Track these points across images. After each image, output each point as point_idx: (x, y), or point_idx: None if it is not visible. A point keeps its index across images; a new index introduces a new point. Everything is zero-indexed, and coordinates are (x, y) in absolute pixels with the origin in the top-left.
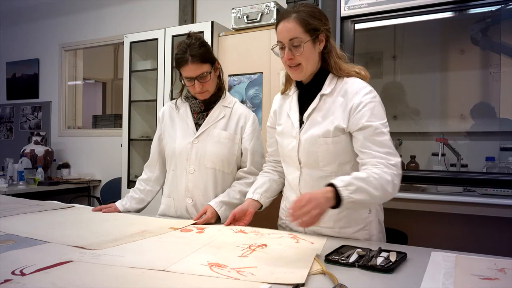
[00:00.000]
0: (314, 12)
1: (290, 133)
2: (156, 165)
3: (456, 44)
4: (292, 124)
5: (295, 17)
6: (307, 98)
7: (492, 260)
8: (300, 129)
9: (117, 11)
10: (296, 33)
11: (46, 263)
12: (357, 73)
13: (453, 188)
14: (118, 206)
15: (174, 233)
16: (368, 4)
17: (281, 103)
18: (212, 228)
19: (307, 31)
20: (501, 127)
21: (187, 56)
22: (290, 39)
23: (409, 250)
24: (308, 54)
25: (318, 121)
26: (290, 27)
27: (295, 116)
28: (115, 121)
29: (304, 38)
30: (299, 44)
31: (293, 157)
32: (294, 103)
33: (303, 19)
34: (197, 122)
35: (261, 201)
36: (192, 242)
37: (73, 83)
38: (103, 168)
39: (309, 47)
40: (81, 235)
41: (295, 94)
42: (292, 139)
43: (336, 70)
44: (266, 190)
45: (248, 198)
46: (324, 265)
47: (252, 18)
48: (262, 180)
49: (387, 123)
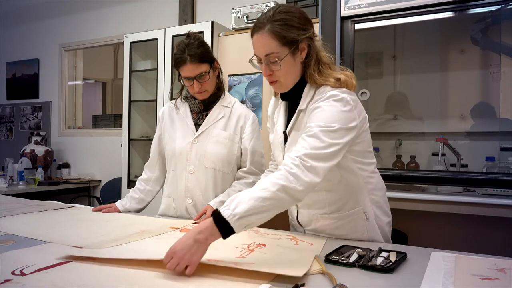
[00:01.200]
0: (291, 19)
1: (278, 147)
2: (156, 165)
3: (456, 44)
4: (278, 138)
5: (269, 30)
6: (293, 109)
7: (492, 260)
8: (285, 144)
9: (117, 11)
10: (272, 48)
11: (46, 263)
12: (335, 81)
13: (453, 188)
14: (118, 206)
15: (174, 233)
16: (368, 4)
17: (274, 108)
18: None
19: (284, 44)
20: (501, 127)
21: (186, 56)
22: (266, 54)
23: (409, 250)
24: (287, 69)
25: (297, 138)
26: (264, 41)
27: (280, 130)
28: (115, 121)
29: (281, 52)
30: (276, 60)
31: None
32: (282, 114)
33: (278, 32)
34: (196, 122)
35: None
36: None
37: (73, 83)
38: (103, 168)
39: (288, 61)
40: (81, 235)
41: (283, 105)
42: (279, 153)
43: (311, 80)
44: None
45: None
46: (324, 265)
47: (252, 18)
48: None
49: (331, 127)
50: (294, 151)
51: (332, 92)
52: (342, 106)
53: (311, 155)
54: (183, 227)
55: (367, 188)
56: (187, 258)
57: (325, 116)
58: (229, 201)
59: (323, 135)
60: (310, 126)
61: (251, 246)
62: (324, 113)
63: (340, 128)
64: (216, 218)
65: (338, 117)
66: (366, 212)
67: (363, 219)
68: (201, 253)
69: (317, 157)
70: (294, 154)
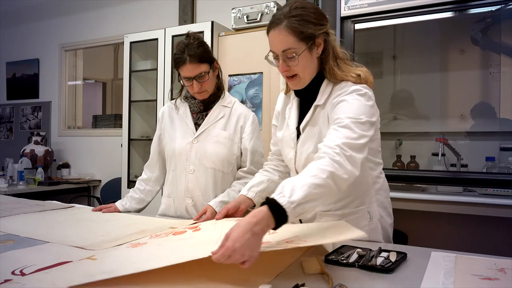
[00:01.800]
0: (307, 14)
1: (289, 143)
2: (156, 165)
3: (456, 44)
4: (290, 134)
5: (286, 25)
6: (307, 105)
7: (492, 260)
8: (297, 140)
9: (117, 11)
10: (289, 43)
11: (46, 263)
12: (355, 77)
13: (453, 188)
14: (118, 206)
15: (173, 238)
16: (368, 4)
17: (284, 105)
18: (207, 224)
19: (302, 40)
20: (501, 127)
21: (185, 56)
22: (284, 50)
23: (409, 250)
24: (304, 64)
25: (313, 134)
26: (281, 37)
27: (293, 126)
28: (115, 121)
29: (299, 48)
30: (294, 55)
31: (292, 167)
32: (294, 110)
33: (295, 27)
34: (196, 122)
35: (254, 200)
36: (196, 239)
37: (73, 83)
38: (103, 168)
39: (305, 56)
40: (81, 235)
41: (295, 101)
42: (290, 149)
43: (331, 75)
44: (262, 190)
45: (242, 195)
46: (324, 265)
47: (252, 18)
48: (260, 178)
49: (361, 118)
50: (329, 141)
51: (356, 87)
52: (366, 101)
53: (349, 145)
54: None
55: (374, 187)
56: (248, 254)
57: (352, 109)
58: (280, 188)
59: (355, 126)
60: (339, 118)
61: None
62: (351, 105)
63: (367, 121)
64: (272, 206)
65: (364, 110)
66: (371, 211)
67: (367, 218)
68: (259, 245)
69: (353, 147)
70: (331, 143)
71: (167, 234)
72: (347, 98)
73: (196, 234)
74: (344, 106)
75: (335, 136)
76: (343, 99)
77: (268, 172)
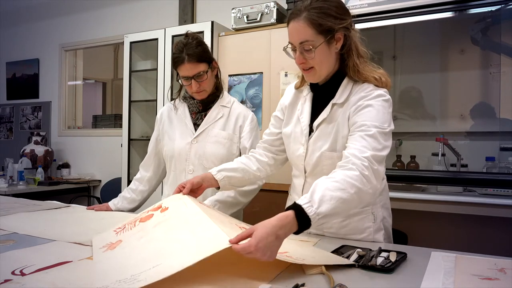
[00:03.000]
0: (328, 8)
1: (299, 140)
2: (151, 165)
3: (456, 44)
4: (302, 130)
5: (305, 17)
6: (321, 102)
7: (492, 260)
8: (309, 137)
9: (117, 11)
10: (307, 35)
11: (46, 263)
12: (376, 80)
13: (453, 188)
14: (110, 205)
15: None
16: (368, 4)
17: (294, 99)
18: (171, 201)
19: (320, 33)
20: (501, 127)
21: (184, 55)
22: (301, 42)
23: (409, 250)
24: (321, 57)
25: (327, 132)
26: (299, 29)
27: (305, 122)
28: (115, 121)
29: (317, 41)
30: (310, 48)
31: (299, 165)
32: (307, 107)
33: (314, 20)
34: (195, 122)
35: (221, 183)
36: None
37: (73, 83)
38: (103, 168)
39: (322, 50)
40: (79, 232)
41: (309, 96)
42: (299, 146)
43: (354, 73)
44: (232, 177)
45: (209, 172)
46: (324, 265)
47: (252, 18)
48: (236, 165)
49: (384, 126)
50: (357, 150)
51: (380, 91)
52: (388, 108)
53: (375, 157)
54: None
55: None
56: (268, 255)
57: (378, 116)
58: (310, 195)
59: (380, 136)
60: (366, 125)
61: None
62: (377, 112)
63: (389, 131)
64: (299, 214)
65: (387, 119)
66: (375, 212)
67: (371, 219)
68: (279, 247)
69: (378, 160)
70: (360, 154)
71: (133, 223)
72: (373, 104)
73: (168, 213)
74: (370, 112)
75: (363, 145)
76: (369, 103)
77: (249, 160)
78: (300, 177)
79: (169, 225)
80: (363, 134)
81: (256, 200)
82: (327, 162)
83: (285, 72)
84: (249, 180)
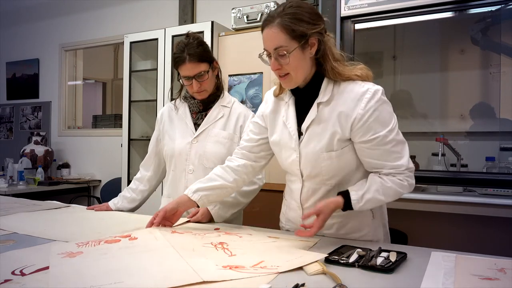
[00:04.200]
0: (301, 13)
1: (289, 145)
2: (151, 165)
3: (456, 44)
4: (290, 135)
5: (278, 23)
6: (304, 105)
7: (492, 260)
8: (299, 141)
9: (117, 11)
10: (281, 41)
11: (46, 263)
12: (358, 76)
13: (453, 188)
14: (110, 205)
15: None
16: (368, 4)
17: (275, 107)
18: (142, 233)
19: (293, 38)
20: (501, 127)
21: (185, 55)
22: (275, 48)
23: (409, 250)
24: (296, 63)
25: (318, 132)
26: (273, 35)
27: (293, 127)
28: (115, 121)
29: (290, 46)
30: (285, 53)
31: (295, 170)
32: (291, 111)
33: (288, 25)
34: (196, 122)
35: (199, 203)
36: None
37: (73, 83)
38: (103, 168)
39: (297, 55)
40: (79, 232)
41: (291, 101)
42: (291, 152)
43: (334, 75)
44: (209, 195)
45: (185, 195)
46: (325, 265)
47: (252, 18)
48: (212, 183)
49: (394, 123)
50: (393, 167)
51: (370, 88)
52: (388, 102)
53: (408, 159)
54: (177, 224)
55: None
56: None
57: (386, 119)
58: (362, 195)
59: (397, 136)
60: (384, 136)
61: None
62: (384, 115)
63: (397, 124)
64: (346, 203)
65: (391, 114)
66: (373, 209)
67: (370, 216)
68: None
69: (409, 159)
70: (399, 168)
71: (98, 242)
72: (377, 107)
73: (136, 242)
74: (379, 117)
75: (396, 157)
76: (375, 108)
77: (225, 172)
78: (297, 182)
79: (136, 251)
80: (388, 147)
81: (256, 200)
82: (325, 163)
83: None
84: (226, 194)
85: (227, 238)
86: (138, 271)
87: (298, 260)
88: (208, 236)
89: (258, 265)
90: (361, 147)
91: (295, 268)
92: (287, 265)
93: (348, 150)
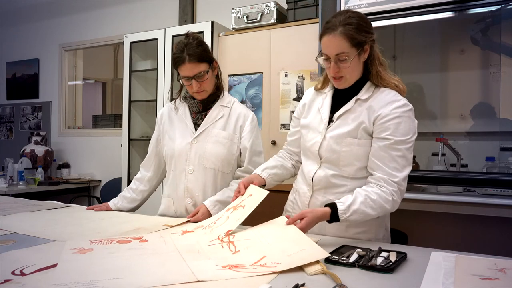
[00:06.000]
0: (361, 24)
1: (317, 128)
2: (151, 165)
3: (456, 44)
4: (321, 119)
5: (341, 32)
6: (341, 99)
7: (492, 260)
8: (328, 126)
9: (117, 11)
10: (343, 48)
11: (46, 263)
12: (396, 86)
13: (453, 188)
14: (110, 205)
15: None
16: (368, 4)
17: (313, 98)
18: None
19: (354, 45)
20: (501, 127)
21: (184, 55)
22: (337, 53)
23: (409, 250)
24: (353, 67)
25: (348, 122)
26: (336, 42)
27: (326, 113)
28: (115, 121)
29: (351, 52)
30: (345, 58)
31: (314, 152)
32: (328, 100)
33: (350, 34)
34: (196, 122)
35: (267, 180)
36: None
37: (73, 83)
38: (103, 168)
39: (355, 60)
40: (79, 232)
41: (330, 93)
42: (317, 134)
43: (377, 79)
44: (275, 174)
45: (255, 173)
46: (325, 265)
47: (252, 18)
48: (274, 162)
49: (411, 139)
50: (388, 174)
51: (404, 101)
52: (413, 118)
53: (404, 177)
54: (178, 224)
55: None
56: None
57: (406, 130)
58: (348, 205)
59: (408, 152)
60: (396, 142)
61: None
62: (405, 126)
63: (413, 144)
64: (333, 214)
65: (413, 128)
66: None
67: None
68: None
69: (406, 177)
70: (392, 178)
71: (110, 241)
72: (402, 116)
73: (145, 245)
74: (400, 124)
75: (394, 167)
76: (400, 115)
77: (282, 158)
78: (313, 164)
79: (143, 253)
80: (394, 154)
81: None
82: (345, 148)
83: (285, 72)
84: (286, 175)
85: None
86: (138, 270)
87: (299, 254)
88: (218, 224)
89: (258, 263)
90: (374, 144)
91: (295, 268)
92: (288, 261)
93: (368, 144)
